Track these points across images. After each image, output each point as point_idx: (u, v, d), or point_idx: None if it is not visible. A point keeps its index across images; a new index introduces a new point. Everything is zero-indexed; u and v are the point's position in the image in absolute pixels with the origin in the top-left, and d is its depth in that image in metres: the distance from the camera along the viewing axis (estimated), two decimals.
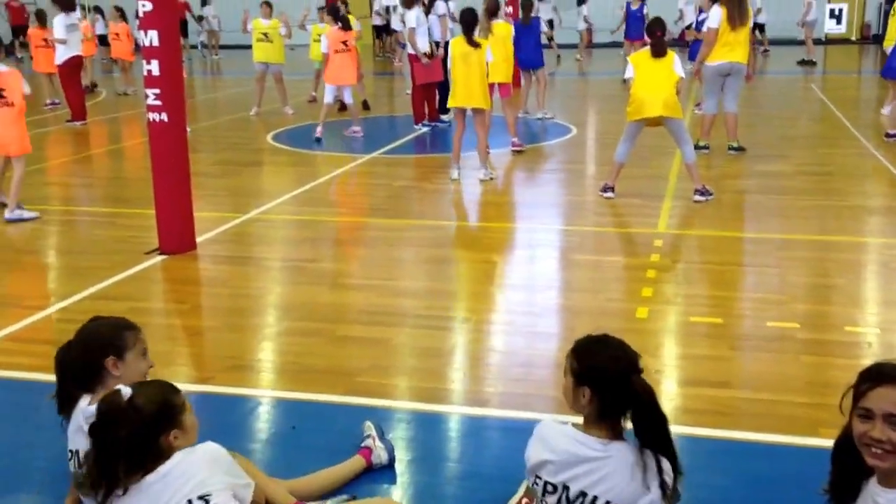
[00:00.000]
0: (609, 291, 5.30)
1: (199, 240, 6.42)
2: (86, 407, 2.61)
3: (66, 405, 2.74)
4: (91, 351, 2.53)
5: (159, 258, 6.14)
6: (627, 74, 7.39)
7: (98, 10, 21.07)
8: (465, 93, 8.29)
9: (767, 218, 6.97)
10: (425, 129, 11.64)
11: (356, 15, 13.49)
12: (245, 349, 4.60)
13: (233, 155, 10.37)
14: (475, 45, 8.32)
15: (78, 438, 2.68)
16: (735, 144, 9.38)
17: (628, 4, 17.52)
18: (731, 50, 8.96)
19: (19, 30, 24.14)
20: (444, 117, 11.82)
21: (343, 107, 12.63)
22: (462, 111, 8.45)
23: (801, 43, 20.41)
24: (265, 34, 13.14)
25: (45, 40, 13.31)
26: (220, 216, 7.23)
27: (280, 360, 4.47)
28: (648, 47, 7.39)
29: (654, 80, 7.12)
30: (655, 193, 7.67)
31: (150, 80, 5.98)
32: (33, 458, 3.46)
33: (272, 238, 6.92)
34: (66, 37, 12.12)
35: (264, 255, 6.42)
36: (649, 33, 7.60)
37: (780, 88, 15.84)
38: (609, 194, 7.53)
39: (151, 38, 5.87)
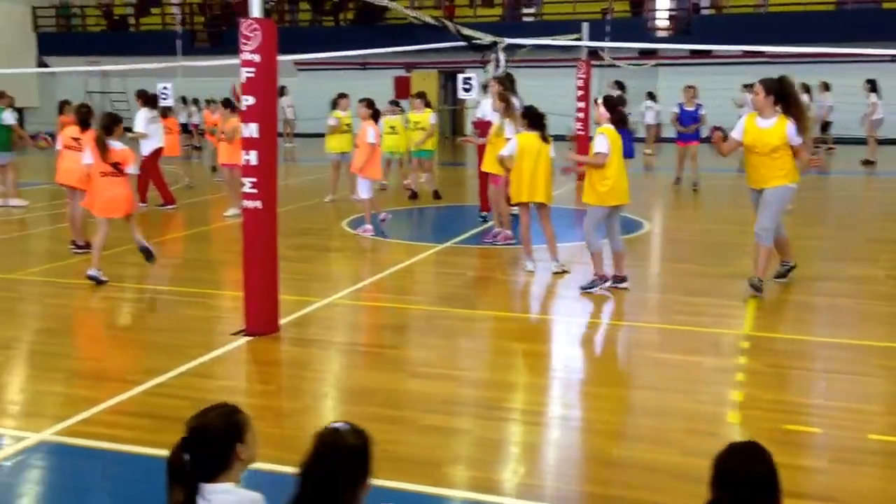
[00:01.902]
0: (697, 393, 5.27)
1: (281, 322, 6.59)
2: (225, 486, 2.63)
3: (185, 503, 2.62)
4: (222, 442, 2.58)
5: (245, 339, 6.31)
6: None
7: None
8: (530, 188, 8.42)
9: (861, 323, 6.86)
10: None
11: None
12: None
13: (309, 240, 10.65)
14: (546, 140, 8.52)
15: None
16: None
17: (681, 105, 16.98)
18: None
19: None
20: (511, 210, 11.98)
21: (414, 195, 12.99)
22: (526, 205, 8.58)
23: (864, 142, 20.28)
24: (347, 125, 13.66)
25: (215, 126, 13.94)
26: (301, 300, 7.41)
27: (381, 448, 4.52)
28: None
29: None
30: (738, 293, 7.62)
31: (247, 170, 6.28)
32: None
33: (351, 323, 7.07)
34: (146, 130, 12.77)
35: (344, 340, 6.56)
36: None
37: (850, 189, 15.74)
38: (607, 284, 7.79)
39: (252, 130, 6.19)
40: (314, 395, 5.33)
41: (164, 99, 14.14)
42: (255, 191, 6.27)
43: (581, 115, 16.32)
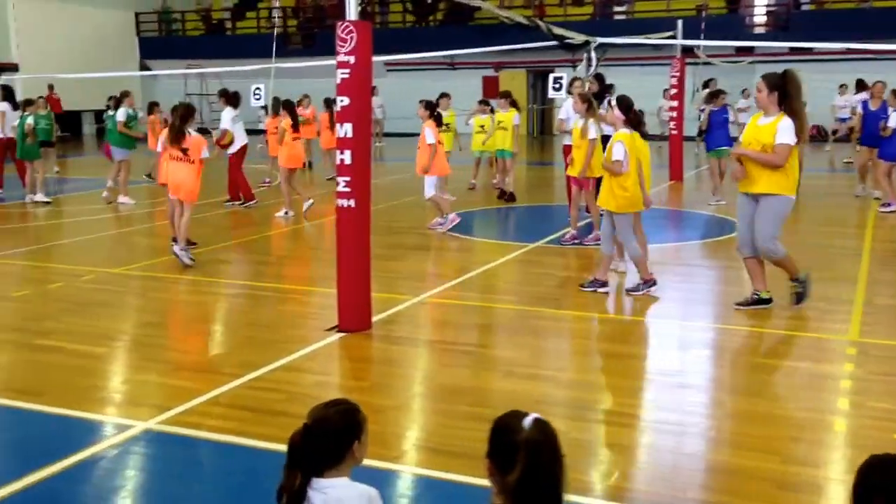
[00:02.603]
0: (799, 400, 5.11)
1: (373, 319, 6.67)
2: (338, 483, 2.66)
3: (297, 493, 2.63)
4: (340, 437, 2.62)
5: (338, 335, 6.41)
6: None
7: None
8: (647, 187, 8.24)
9: None
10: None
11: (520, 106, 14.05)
12: (426, 431, 4.73)
13: (400, 238, 10.75)
14: (645, 139, 8.39)
15: None
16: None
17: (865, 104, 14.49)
18: None
19: None
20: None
21: (503, 194, 13.01)
22: None
23: None
24: (446, 124, 13.75)
25: (276, 128, 14.19)
26: (392, 297, 7.49)
27: (459, 445, 4.54)
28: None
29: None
30: (843, 298, 7.35)
31: (342, 169, 6.37)
32: None
33: (442, 321, 7.10)
34: (232, 128, 13.12)
35: (435, 338, 6.60)
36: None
37: None
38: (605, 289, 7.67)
39: (346, 130, 6.28)
40: (406, 392, 5.39)
41: (258, 99, 14.49)
42: (348, 189, 6.36)
43: (674, 113, 16.03)
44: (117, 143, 14.39)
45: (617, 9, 29.77)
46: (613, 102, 7.73)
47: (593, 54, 11.07)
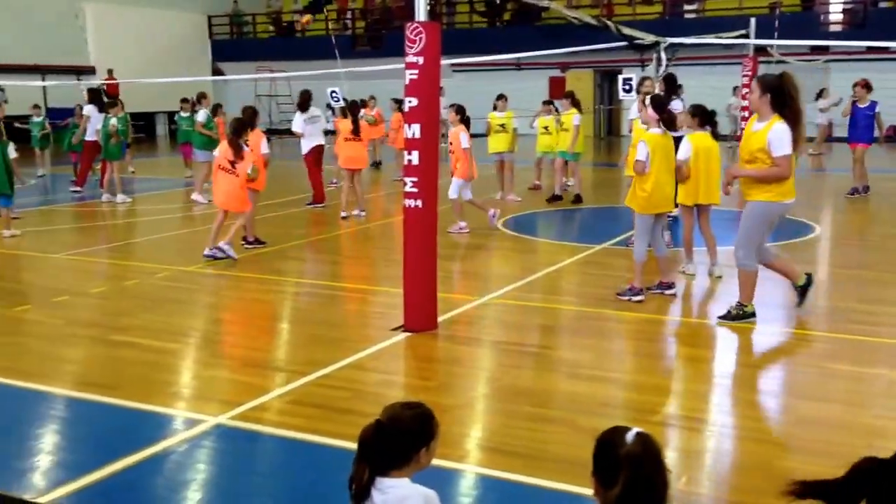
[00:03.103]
0: (875, 407, 4.98)
1: (439, 319, 6.71)
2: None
3: (364, 487, 2.67)
4: (411, 441, 2.65)
5: (404, 335, 6.47)
6: None
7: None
8: (706, 189, 8.17)
9: None
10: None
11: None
12: (490, 431, 4.74)
13: (465, 239, 10.76)
14: (716, 138, 8.27)
15: None
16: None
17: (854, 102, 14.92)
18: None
19: None
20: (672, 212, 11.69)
21: (555, 198, 13.02)
22: (691, 207, 8.31)
23: None
24: (501, 125, 13.74)
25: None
26: (458, 298, 7.52)
27: (522, 446, 4.54)
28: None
29: None
30: None
31: (409, 170, 6.43)
32: None
33: (507, 322, 7.10)
34: (303, 130, 13.30)
35: (500, 339, 6.60)
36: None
37: None
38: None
39: (415, 130, 6.33)
40: (471, 393, 5.40)
41: (336, 101, 14.74)
42: (415, 190, 6.40)
43: (746, 113, 15.71)
44: (200, 144, 14.80)
45: (687, 7, 29.30)
46: (647, 100, 7.59)
47: (663, 54, 10.92)
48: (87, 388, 5.44)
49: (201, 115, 14.94)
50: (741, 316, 6.69)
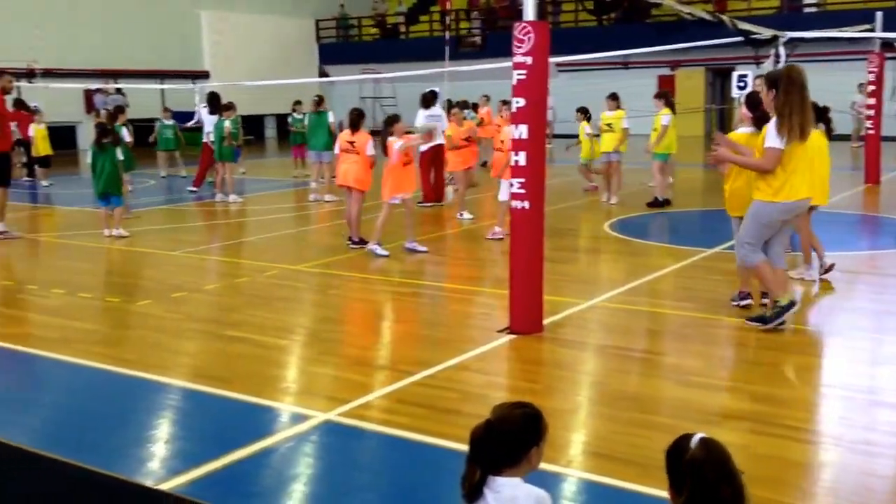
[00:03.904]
0: None
1: (545, 322, 6.64)
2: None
3: (476, 487, 2.67)
4: (522, 440, 2.64)
5: (509, 337, 6.43)
6: None
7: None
8: (822, 189, 7.79)
9: None
10: None
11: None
12: (597, 436, 4.66)
13: (571, 241, 10.66)
14: (830, 137, 7.90)
15: None
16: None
17: None
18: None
19: None
20: None
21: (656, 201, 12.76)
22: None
23: None
24: (609, 125, 13.54)
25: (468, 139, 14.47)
26: (563, 301, 7.44)
27: (630, 452, 4.45)
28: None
29: None
30: None
31: (516, 171, 6.39)
32: None
33: (614, 326, 6.98)
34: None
35: (607, 343, 6.49)
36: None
37: None
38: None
39: (522, 131, 6.29)
40: (577, 397, 5.34)
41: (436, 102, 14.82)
42: (522, 191, 6.36)
43: (871, 111, 15.04)
44: (323, 146, 15.18)
45: (807, 1, 28.20)
46: (742, 99, 7.25)
47: (782, 50, 10.52)
48: (202, 380, 5.62)
49: (331, 117, 15.51)
50: (779, 313, 6.43)
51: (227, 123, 14.82)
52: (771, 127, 6.18)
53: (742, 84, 10.45)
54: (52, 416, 5.20)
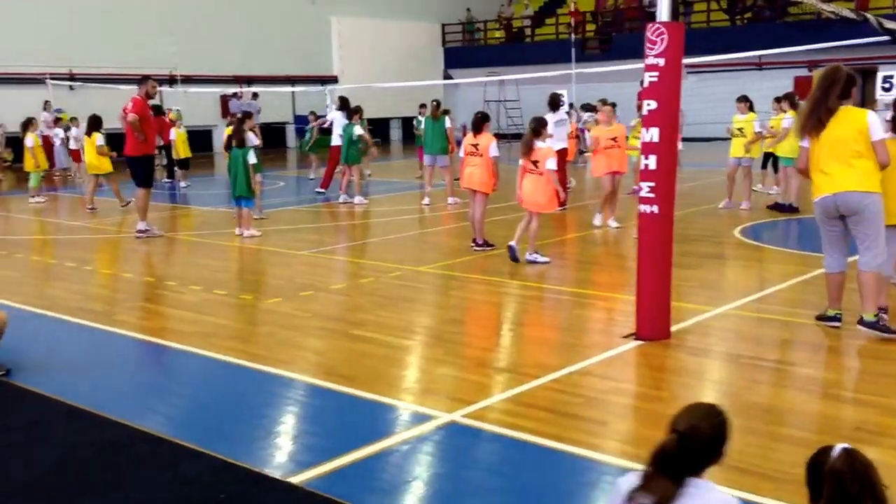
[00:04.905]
0: None
1: (672, 329, 6.47)
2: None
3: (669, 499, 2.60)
4: (716, 441, 2.61)
5: (635, 343, 6.30)
6: None
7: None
8: None
9: None
10: None
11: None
12: (733, 449, 4.45)
13: (700, 247, 10.35)
14: None
15: None
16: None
17: None
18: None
19: None
20: None
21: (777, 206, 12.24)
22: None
23: None
24: (740, 129, 13.11)
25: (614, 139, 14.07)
26: (691, 307, 7.23)
27: (769, 467, 4.26)
28: None
29: None
30: None
31: (646, 174, 6.25)
32: None
33: (745, 335, 6.73)
34: (553, 132, 13.29)
35: (738, 352, 6.25)
36: None
37: None
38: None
39: (653, 134, 6.15)
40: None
41: (561, 105, 14.71)
42: (652, 195, 6.22)
43: None
44: (439, 150, 15.35)
45: None
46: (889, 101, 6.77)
47: None
48: (329, 377, 5.75)
49: (448, 122, 15.64)
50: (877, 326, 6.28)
51: (356, 127, 15.13)
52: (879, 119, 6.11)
53: (887, 85, 9.89)
54: (188, 406, 5.43)
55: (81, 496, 4.10)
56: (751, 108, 13.26)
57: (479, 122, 10.29)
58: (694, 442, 2.51)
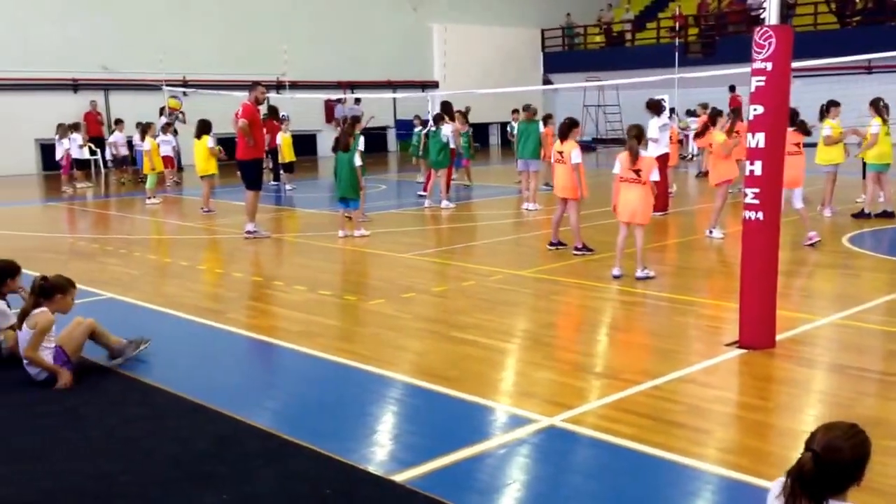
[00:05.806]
0: None
1: (777, 338, 6.35)
2: None
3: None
4: (856, 463, 2.62)
5: (739, 351, 6.22)
6: None
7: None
8: None
9: None
10: None
11: None
12: None
13: (804, 254, 10.09)
14: None
15: None
16: None
17: None
18: None
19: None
20: None
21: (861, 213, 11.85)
22: None
23: None
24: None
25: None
26: (798, 316, 7.08)
27: (880, 482, 4.15)
28: None
29: None
30: None
31: (751, 180, 6.16)
32: None
33: (854, 345, 6.54)
34: (658, 137, 13.17)
35: (846, 363, 6.09)
36: None
37: None
38: None
39: (759, 139, 6.06)
40: (817, 419, 5.04)
41: (663, 109, 14.58)
42: (756, 201, 6.13)
43: None
44: (531, 154, 15.41)
45: None
46: None
47: None
48: (430, 378, 5.87)
49: (540, 127, 15.69)
50: None
51: (445, 130, 15.33)
52: None
53: None
54: (294, 403, 5.63)
55: (195, 487, 4.30)
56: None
57: (566, 130, 10.33)
58: (832, 461, 2.50)
